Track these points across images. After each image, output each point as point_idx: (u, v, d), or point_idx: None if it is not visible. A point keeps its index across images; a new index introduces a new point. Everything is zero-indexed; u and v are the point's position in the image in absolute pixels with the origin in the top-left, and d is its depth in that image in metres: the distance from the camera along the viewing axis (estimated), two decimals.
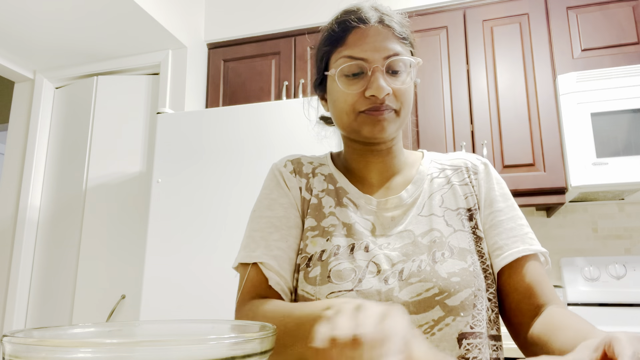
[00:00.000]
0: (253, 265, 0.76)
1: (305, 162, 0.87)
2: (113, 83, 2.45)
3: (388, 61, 0.74)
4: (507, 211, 0.79)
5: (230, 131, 1.88)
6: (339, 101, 0.76)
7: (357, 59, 0.74)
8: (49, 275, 2.36)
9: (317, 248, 0.76)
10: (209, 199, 1.83)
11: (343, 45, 0.76)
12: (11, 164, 2.52)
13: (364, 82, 0.74)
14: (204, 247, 1.79)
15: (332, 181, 0.83)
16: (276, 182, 0.84)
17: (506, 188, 0.83)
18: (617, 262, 2.02)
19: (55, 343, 0.31)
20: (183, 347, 0.32)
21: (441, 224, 0.76)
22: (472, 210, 0.79)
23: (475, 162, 0.84)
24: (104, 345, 0.31)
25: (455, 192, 0.80)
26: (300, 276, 0.75)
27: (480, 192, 0.81)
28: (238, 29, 2.47)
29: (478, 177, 0.82)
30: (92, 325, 0.46)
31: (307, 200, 0.81)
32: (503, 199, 0.80)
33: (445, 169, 0.84)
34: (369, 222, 0.78)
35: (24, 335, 0.35)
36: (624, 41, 1.97)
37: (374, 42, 0.74)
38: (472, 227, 0.78)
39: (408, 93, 0.76)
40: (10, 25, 2.15)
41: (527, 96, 2.03)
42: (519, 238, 0.76)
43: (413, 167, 0.85)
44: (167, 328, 0.51)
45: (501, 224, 0.77)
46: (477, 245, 0.76)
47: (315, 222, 0.79)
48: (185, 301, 1.76)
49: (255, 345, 0.36)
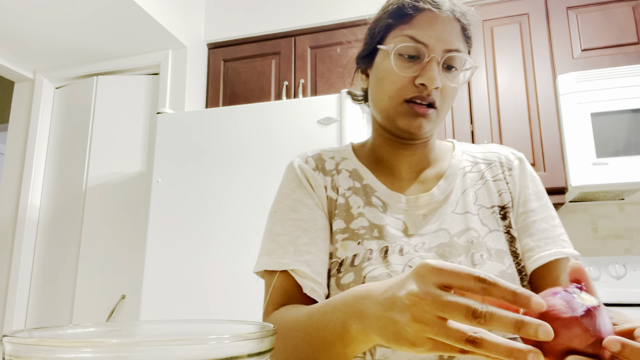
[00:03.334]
0: (281, 273, 0.71)
1: (326, 157, 0.81)
2: (113, 83, 2.45)
3: (447, 55, 0.69)
4: (541, 211, 0.74)
5: (230, 131, 1.88)
6: (386, 81, 0.72)
7: (419, 42, 0.69)
8: (49, 275, 2.36)
9: (348, 252, 0.71)
10: (209, 198, 1.83)
11: (408, 24, 0.70)
12: (11, 164, 2.52)
13: (417, 68, 0.69)
14: (204, 247, 1.79)
15: (357, 178, 0.78)
16: (298, 181, 0.78)
17: (541, 185, 0.78)
18: (617, 262, 2.02)
19: (55, 343, 0.31)
20: (183, 347, 0.32)
21: (477, 222, 0.72)
22: (506, 208, 0.75)
23: (510, 156, 0.79)
24: (104, 345, 0.31)
25: (489, 188, 0.76)
26: (332, 282, 0.71)
27: (515, 189, 0.76)
28: (238, 28, 2.47)
29: (512, 174, 0.77)
30: (92, 325, 0.46)
31: (334, 200, 0.76)
32: (537, 198, 0.76)
33: (478, 163, 0.79)
34: (400, 221, 0.73)
35: (24, 335, 0.35)
36: (624, 41, 1.97)
37: (441, 31, 0.69)
38: (505, 227, 0.74)
39: (454, 93, 0.73)
40: (10, 25, 2.15)
41: (527, 96, 2.03)
42: (552, 240, 0.72)
43: (444, 160, 0.80)
44: (167, 328, 0.51)
45: (534, 224, 0.73)
46: (511, 245, 0.73)
47: (344, 224, 0.74)
48: (185, 301, 1.76)
49: (255, 345, 0.36)
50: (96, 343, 0.31)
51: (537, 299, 0.38)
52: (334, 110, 1.74)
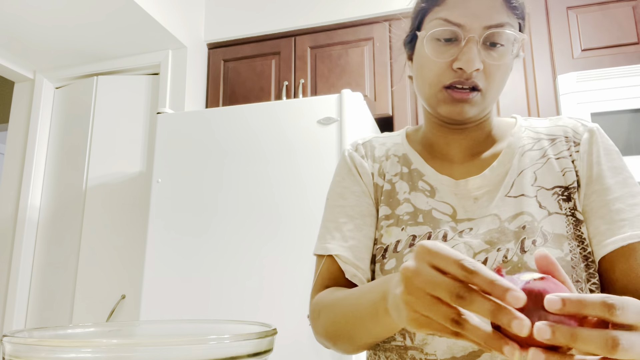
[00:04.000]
0: (328, 257, 0.73)
1: (377, 144, 0.81)
2: (113, 83, 2.45)
3: (488, 32, 0.64)
4: (616, 189, 0.65)
5: (230, 131, 1.88)
6: (425, 68, 0.69)
7: (453, 24, 0.65)
8: (49, 275, 2.36)
9: (392, 239, 0.71)
10: (209, 199, 1.83)
11: (442, 5, 0.66)
12: (11, 164, 2.52)
13: (455, 51, 0.65)
14: (204, 246, 1.79)
15: (406, 163, 0.76)
16: (347, 169, 0.79)
17: (619, 159, 0.68)
18: None
19: (55, 343, 0.31)
20: (183, 347, 0.32)
21: (533, 206, 0.66)
22: (570, 188, 0.67)
23: (579, 129, 0.71)
24: (104, 345, 0.31)
25: (552, 167, 0.69)
26: (377, 268, 0.71)
27: (583, 166, 0.68)
28: (238, 29, 2.47)
29: (580, 149, 0.69)
30: (92, 325, 0.46)
31: (380, 187, 0.76)
32: (612, 174, 0.67)
33: (541, 139, 0.72)
34: (448, 205, 0.70)
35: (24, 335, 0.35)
36: (624, 41, 1.97)
37: (477, 7, 0.64)
38: (570, 209, 0.66)
39: (501, 71, 0.67)
40: (10, 25, 2.16)
41: (527, 96, 2.03)
42: (628, 222, 0.63)
43: (504, 139, 0.75)
44: (167, 328, 0.51)
45: (607, 204, 0.65)
46: (575, 229, 0.65)
47: (390, 210, 0.73)
48: (185, 301, 1.76)
49: (255, 345, 0.36)
50: (96, 343, 0.31)
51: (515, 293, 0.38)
52: (334, 110, 1.74)
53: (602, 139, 0.70)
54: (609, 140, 0.71)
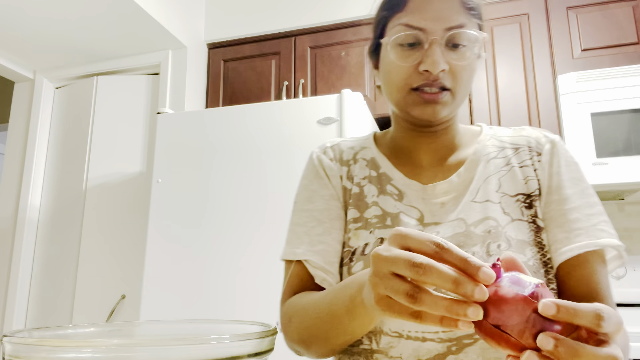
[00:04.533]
0: (297, 262, 0.73)
1: (345, 147, 0.81)
2: (113, 83, 2.45)
3: (449, 33, 0.66)
4: (574, 199, 0.68)
5: (230, 131, 1.88)
6: (392, 73, 0.70)
7: (415, 29, 0.67)
8: (49, 275, 2.36)
9: (360, 242, 0.71)
10: (209, 199, 1.83)
11: (402, 11, 0.68)
12: (11, 164, 2.52)
13: (420, 55, 0.67)
14: (204, 246, 1.79)
15: (374, 167, 0.77)
16: (315, 172, 0.79)
17: (578, 170, 0.71)
18: None
19: (55, 343, 0.31)
20: (183, 347, 0.32)
21: (497, 211, 0.68)
22: (532, 196, 0.70)
23: (542, 139, 0.74)
24: (104, 345, 0.31)
25: (515, 175, 0.71)
26: (344, 271, 0.71)
27: (544, 176, 0.71)
28: (238, 29, 2.47)
29: (542, 159, 0.72)
30: (92, 325, 0.46)
31: (349, 190, 0.76)
32: (571, 184, 0.69)
33: (505, 148, 0.75)
34: (416, 210, 0.71)
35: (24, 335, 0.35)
36: (624, 41, 1.97)
37: (437, 11, 0.66)
38: (531, 216, 0.69)
39: (467, 70, 0.69)
40: (10, 25, 2.16)
41: (527, 96, 2.03)
42: (584, 231, 0.65)
43: (469, 146, 0.77)
44: (167, 328, 0.51)
45: (565, 214, 0.67)
46: (536, 236, 0.68)
47: (358, 213, 0.74)
48: (185, 301, 1.76)
49: (255, 345, 0.36)
50: (96, 343, 0.31)
51: (486, 269, 0.38)
52: (334, 110, 1.74)
53: (563, 150, 0.73)
54: (569, 152, 0.74)
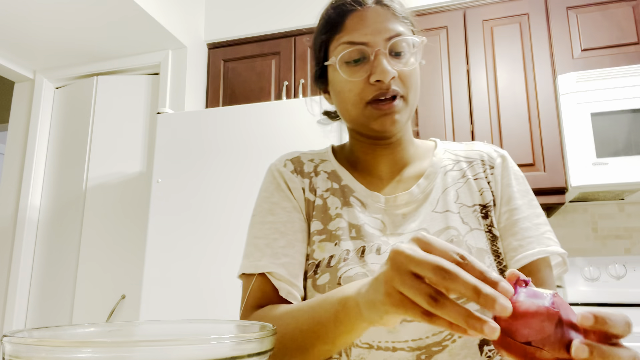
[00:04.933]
0: (259, 276, 0.70)
1: (305, 160, 0.82)
2: (113, 83, 2.45)
3: (390, 42, 0.69)
4: (524, 209, 0.73)
5: (230, 131, 1.88)
6: (344, 91, 0.72)
7: (358, 44, 0.70)
8: (49, 275, 2.36)
9: (325, 254, 0.71)
10: (209, 199, 1.83)
11: (341, 32, 0.72)
12: (11, 164, 2.52)
13: (368, 68, 0.69)
14: (204, 246, 1.79)
15: (336, 179, 0.78)
16: (276, 184, 0.78)
17: (525, 183, 0.77)
18: (617, 262, 2.02)
19: (55, 343, 0.31)
20: (183, 347, 0.32)
21: (457, 221, 0.71)
22: (487, 207, 0.74)
23: (493, 154, 0.78)
24: (104, 345, 0.31)
25: (471, 187, 0.75)
26: (308, 284, 0.71)
27: (497, 187, 0.75)
28: (238, 29, 2.47)
29: (495, 172, 0.76)
30: (92, 325, 0.46)
31: (312, 202, 0.76)
32: (521, 196, 0.74)
33: (460, 161, 0.79)
34: (378, 220, 0.73)
35: (24, 335, 0.35)
36: (624, 41, 1.97)
37: (374, 24, 0.70)
38: (487, 225, 0.73)
39: (414, 75, 0.72)
40: (10, 25, 2.15)
41: (527, 96, 2.03)
42: (535, 239, 0.71)
43: (425, 159, 0.80)
44: (167, 328, 0.51)
45: (517, 223, 0.72)
46: (492, 244, 0.72)
47: (322, 225, 0.74)
48: (185, 301, 1.76)
49: (255, 345, 0.36)
50: (96, 343, 0.31)
51: (505, 284, 0.39)
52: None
53: (512, 164, 0.78)
54: (516, 165, 0.79)
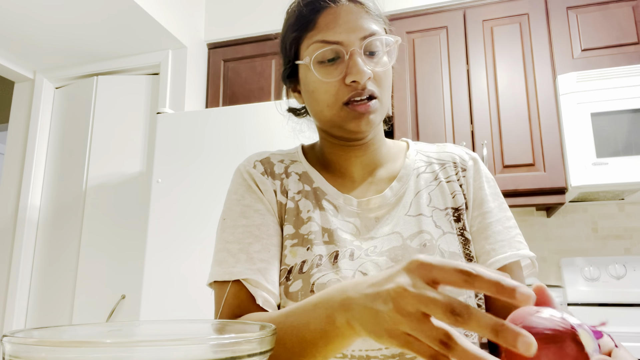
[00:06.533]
0: (234, 283, 0.66)
1: (275, 160, 0.78)
2: (113, 83, 2.45)
3: (365, 42, 0.67)
4: (496, 212, 0.73)
5: (230, 131, 1.88)
6: (319, 92, 0.69)
7: (332, 43, 0.67)
8: (49, 275, 2.36)
9: (297, 259, 0.68)
10: (209, 199, 1.83)
11: (314, 30, 0.68)
12: (11, 164, 2.52)
13: (342, 68, 0.67)
14: (204, 247, 1.79)
15: (307, 181, 0.75)
16: (247, 185, 0.74)
17: (496, 187, 0.76)
18: (617, 262, 2.02)
19: (55, 343, 0.31)
20: (183, 347, 0.32)
21: (430, 225, 0.70)
22: (459, 210, 0.73)
23: (465, 157, 0.77)
24: (104, 345, 0.31)
25: (443, 190, 0.74)
26: (281, 291, 0.68)
27: (469, 191, 0.74)
28: (238, 29, 2.47)
29: (467, 175, 0.75)
30: (92, 325, 0.46)
31: (284, 205, 0.73)
32: (492, 199, 0.74)
33: (432, 163, 0.77)
34: (351, 224, 0.71)
35: (24, 335, 0.35)
36: (624, 41, 1.97)
37: (348, 23, 0.67)
38: (459, 229, 0.71)
39: (387, 76, 0.70)
40: (10, 25, 2.15)
41: (527, 96, 2.03)
42: (507, 242, 0.70)
43: (397, 160, 0.78)
44: (167, 328, 0.51)
45: (489, 226, 0.71)
46: (465, 248, 0.70)
47: (294, 229, 0.71)
48: (185, 301, 1.76)
49: (255, 345, 0.36)
50: (96, 343, 0.31)
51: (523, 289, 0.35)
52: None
53: (483, 167, 0.77)
54: (487, 169, 0.78)
